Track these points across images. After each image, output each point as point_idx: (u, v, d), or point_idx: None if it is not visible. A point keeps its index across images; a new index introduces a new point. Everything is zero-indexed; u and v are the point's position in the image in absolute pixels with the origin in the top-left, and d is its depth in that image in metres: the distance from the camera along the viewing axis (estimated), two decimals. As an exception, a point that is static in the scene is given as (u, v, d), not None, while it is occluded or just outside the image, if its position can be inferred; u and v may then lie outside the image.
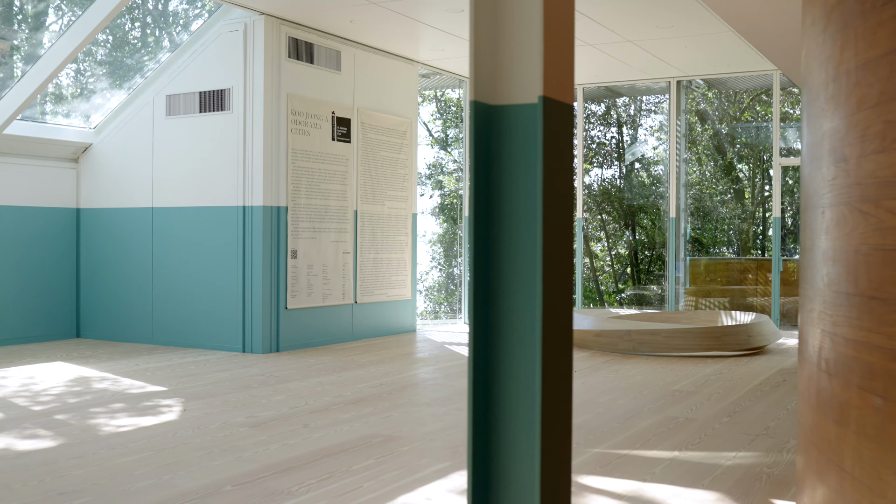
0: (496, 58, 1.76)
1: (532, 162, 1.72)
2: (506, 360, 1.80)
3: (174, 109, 8.12)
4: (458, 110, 16.07)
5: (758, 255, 13.40)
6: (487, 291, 1.81)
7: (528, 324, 1.75)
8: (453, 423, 4.86)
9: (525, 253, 1.75)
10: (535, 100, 1.71)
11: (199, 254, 7.98)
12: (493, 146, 1.76)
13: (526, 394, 1.76)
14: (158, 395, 5.67)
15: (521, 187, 1.73)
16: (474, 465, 1.84)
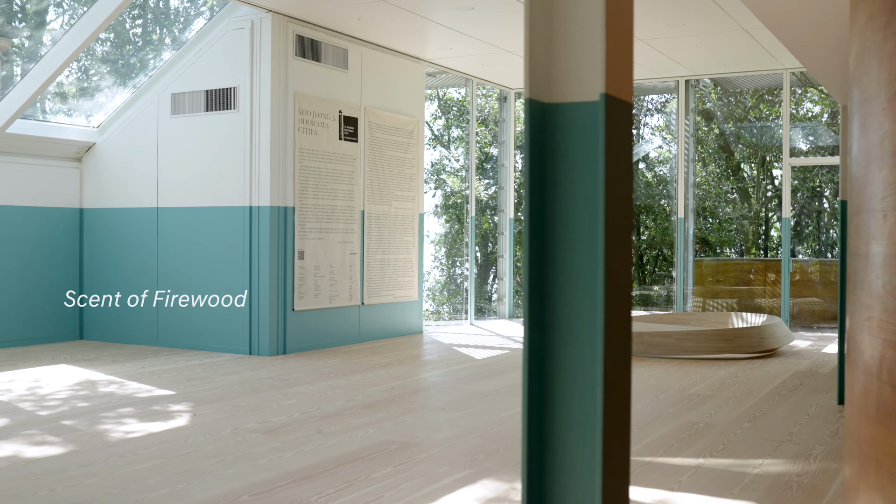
0: (553, 53, 1.65)
1: (593, 162, 1.62)
2: (562, 372, 1.70)
3: (179, 108, 8.01)
4: (459, 110, 15.97)
5: (760, 255, 13.31)
6: (542, 299, 1.70)
7: (589, 334, 1.65)
8: (469, 428, 4.76)
9: (585, 258, 1.65)
10: (595, 97, 1.61)
11: (205, 254, 7.87)
12: (549, 145, 1.66)
13: (586, 408, 1.66)
14: (167, 399, 5.57)
15: (580, 188, 1.63)
16: (529, 482, 1.74)
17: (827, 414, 5.25)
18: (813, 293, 11.07)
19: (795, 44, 3.81)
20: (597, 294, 1.63)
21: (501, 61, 9.71)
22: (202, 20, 8.95)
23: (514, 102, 11.69)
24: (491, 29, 8.27)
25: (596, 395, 1.65)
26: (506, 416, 5.12)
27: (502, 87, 11.40)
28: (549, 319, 1.68)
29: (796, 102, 13.67)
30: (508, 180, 11.69)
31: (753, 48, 8.84)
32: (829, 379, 6.59)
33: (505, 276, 11.80)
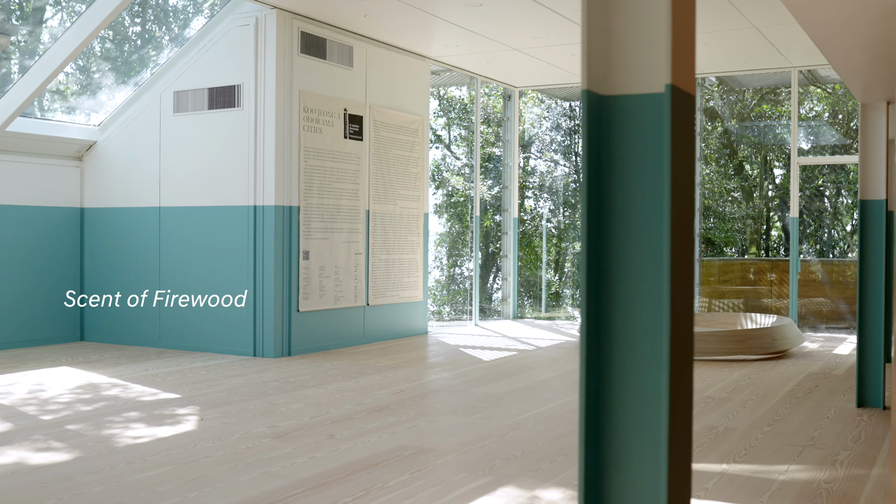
0: (612, 44, 1.55)
1: (657, 155, 1.51)
2: (622, 376, 1.59)
3: (182, 106, 7.89)
4: (460, 109, 15.86)
5: (761, 255, 13.21)
6: (600, 299, 1.60)
7: (653, 336, 1.54)
8: (484, 432, 4.65)
9: (649, 256, 1.54)
10: (661, 89, 1.50)
11: (209, 255, 7.76)
12: (608, 139, 1.55)
13: (650, 414, 1.55)
14: (172, 402, 5.45)
15: (643, 184, 1.52)
16: (587, 492, 1.63)
17: (847, 417, 5.15)
18: (819, 293, 10.98)
19: (824, 38, 3.70)
20: (662, 294, 1.52)
21: (507, 59, 9.60)
22: (202, 19, 8.84)
23: (518, 101, 11.58)
24: (498, 26, 8.16)
25: (661, 401, 1.54)
26: (519, 420, 5.01)
27: (507, 85, 11.30)
28: (608, 321, 1.57)
29: (799, 101, 13.58)
30: (513, 179, 11.58)
31: (763, 46, 8.74)
32: (844, 381, 6.49)
33: (509, 276, 11.69)
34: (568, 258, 15.14)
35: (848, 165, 13.45)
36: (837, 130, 13.56)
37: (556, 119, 13.84)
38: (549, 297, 14.73)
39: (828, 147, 13.18)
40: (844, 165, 13.51)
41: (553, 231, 14.80)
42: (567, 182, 13.82)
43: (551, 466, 3.98)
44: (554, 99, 13.45)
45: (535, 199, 14.08)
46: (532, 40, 8.69)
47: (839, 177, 13.98)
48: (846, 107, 13.55)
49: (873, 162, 5.42)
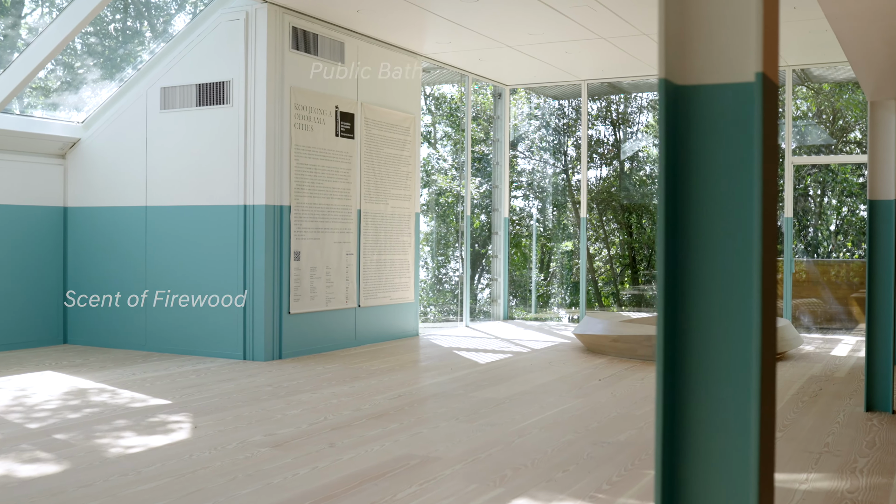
0: (692, 30, 1.39)
1: (745, 151, 1.36)
2: (704, 382, 1.44)
3: (169, 103, 7.68)
4: (448, 107, 15.70)
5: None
6: (677, 304, 1.45)
7: (741, 344, 1.39)
8: (489, 440, 4.50)
9: (736, 258, 1.39)
10: (749, 77, 1.35)
11: (197, 255, 7.56)
12: (688, 132, 1.40)
13: (736, 427, 1.41)
14: (163, 409, 5.26)
15: (730, 181, 1.37)
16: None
17: (857, 422, 5.04)
18: (811, 293, 10.92)
19: (849, 32, 3.58)
20: (751, 300, 1.37)
21: (500, 56, 9.45)
22: (185, 16, 8.62)
23: (509, 99, 11.44)
24: (493, 22, 8.01)
25: (750, 413, 1.39)
26: (524, 426, 4.86)
27: (498, 83, 11.15)
28: (685, 328, 1.42)
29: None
30: (503, 179, 11.44)
31: (759, 44, 8.64)
32: (847, 384, 6.39)
33: (500, 276, 11.55)
34: (554, 258, 15.01)
35: (832, 165, 13.42)
36: (824, 130, 13.52)
37: (546, 118, 13.71)
38: (533, 298, 14.60)
39: (814, 147, 13.13)
40: (829, 165, 13.48)
41: (541, 231, 14.67)
42: (556, 181, 13.69)
43: (564, 476, 3.83)
44: (543, 97, 13.32)
45: (525, 198, 13.95)
46: (526, 37, 8.55)
47: (826, 177, 13.95)
48: (832, 107, 13.50)
49: (883, 161, 5.31)
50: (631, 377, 6.65)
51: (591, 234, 13.97)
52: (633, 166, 13.48)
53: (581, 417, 5.12)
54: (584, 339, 8.16)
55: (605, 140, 13.67)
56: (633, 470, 3.94)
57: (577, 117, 13.41)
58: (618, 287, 13.85)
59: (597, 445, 4.41)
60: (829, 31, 8.08)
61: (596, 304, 13.88)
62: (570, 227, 13.98)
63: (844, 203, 13.88)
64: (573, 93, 12.10)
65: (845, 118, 13.45)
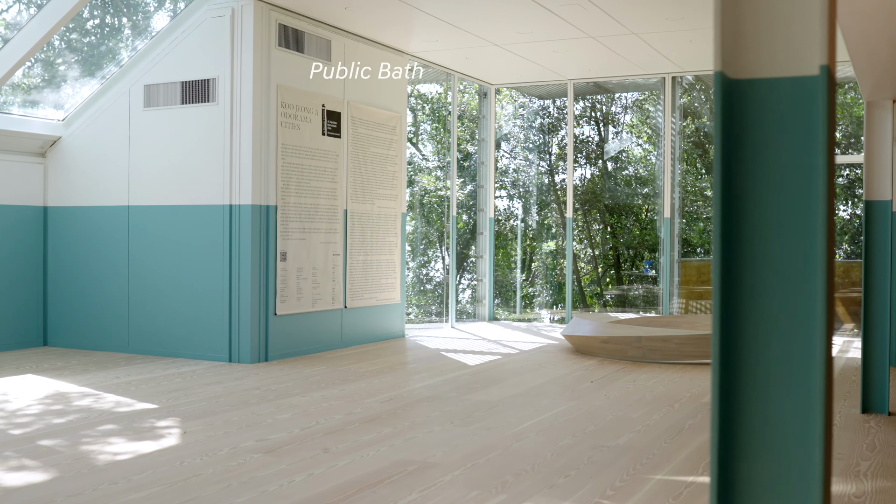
0: (752, 19, 1.32)
1: (808, 148, 1.28)
2: (760, 390, 1.37)
3: (153, 100, 7.54)
4: (432, 107, 15.59)
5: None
6: (732, 308, 1.37)
7: (802, 347, 1.32)
8: (486, 445, 4.42)
9: (796, 257, 1.31)
10: (813, 71, 1.27)
11: (181, 256, 7.42)
12: (745, 127, 1.32)
13: (799, 432, 1.34)
14: (150, 414, 5.13)
15: (792, 180, 1.30)
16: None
17: (854, 424, 5.01)
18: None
19: (854, 30, 3.53)
20: (815, 304, 1.30)
21: (487, 55, 9.37)
22: (164, 13, 8.47)
23: (494, 98, 11.36)
24: (482, 20, 7.93)
25: (815, 418, 1.32)
26: (521, 430, 4.78)
27: (483, 82, 11.08)
28: (742, 330, 1.35)
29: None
30: (489, 179, 11.36)
31: (747, 44, 8.62)
32: (839, 385, 6.37)
33: (485, 277, 11.47)
34: (536, 258, 14.95)
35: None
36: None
37: (531, 117, 13.65)
38: (518, 298, 14.52)
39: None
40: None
41: (523, 230, 14.60)
42: (540, 181, 13.63)
43: (566, 482, 3.76)
44: (528, 97, 13.27)
45: (510, 198, 13.88)
46: (515, 36, 8.47)
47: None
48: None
49: (878, 162, 5.28)
50: (623, 379, 6.59)
51: (574, 234, 13.93)
52: (617, 166, 13.44)
53: (577, 420, 5.05)
54: (573, 341, 8.10)
55: (590, 140, 13.63)
56: (635, 475, 3.87)
57: (560, 117, 13.36)
58: (602, 287, 13.81)
59: (596, 449, 4.33)
60: (818, 32, 8.07)
61: (580, 305, 13.83)
62: (553, 226, 13.93)
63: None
64: (559, 92, 12.04)
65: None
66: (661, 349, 7.40)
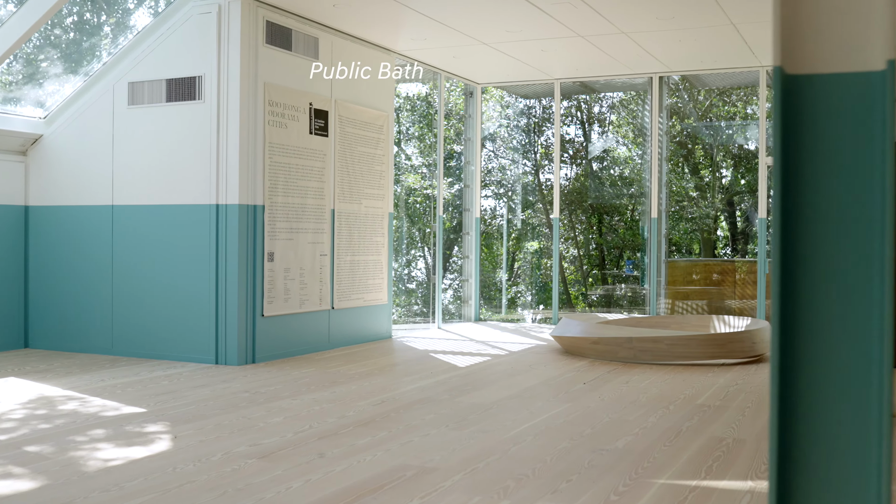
0: (813, 11, 1.25)
1: (872, 142, 1.22)
2: (821, 395, 1.31)
3: (138, 98, 7.41)
4: (414, 106, 15.50)
5: (705, 255, 13.14)
6: (791, 311, 1.31)
7: (863, 351, 1.26)
8: (484, 448, 4.35)
9: (858, 259, 1.26)
10: (880, 66, 1.21)
11: (166, 256, 7.30)
12: (805, 123, 1.26)
13: (862, 436, 1.28)
14: (139, 418, 5.02)
15: (856, 178, 1.24)
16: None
17: (852, 426, 4.98)
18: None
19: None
20: (873, 301, 1.24)
21: (474, 53, 9.31)
22: (145, 10, 8.34)
23: (480, 98, 11.30)
24: (471, 18, 7.86)
25: (874, 424, 1.27)
26: (518, 433, 4.72)
27: (470, 81, 11.01)
28: (801, 334, 1.29)
29: (745, 102, 13.57)
30: (475, 178, 11.30)
31: (737, 44, 8.61)
32: (832, 386, 6.35)
33: (471, 277, 11.41)
34: (519, 258, 14.90)
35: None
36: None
37: (516, 117, 13.60)
38: (498, 297, 14.46)
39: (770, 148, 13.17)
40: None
41: (510, 231, 14.55)
42: (525, 181, 13.59)
43: (569, 487, 3.69)
44: (515, 96, 13.22)
45: (496, 197, 13.82)
46: (504, 34, 8.41)
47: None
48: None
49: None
50: (615, 380, 6.55)
51: (559, 234, 13.88)
52: (603, 166, 13.42)
53: (573, 423, 5.00)
54: (563, 342, 8.05)
55: (575, 140, 13.60)
56: (638, 479, 3.81)
57: (546, 116, 13.31)
58: (586, 287, 13.78)
59: (596, 453, 4.28)
60: (807, 32, 8.06)
61: (565, 305, 13.79)
62: (538, 226, 13.89)
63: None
64: (545, 92, 12.00)
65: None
66: (653, 350, 7.36)
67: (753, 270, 11.01)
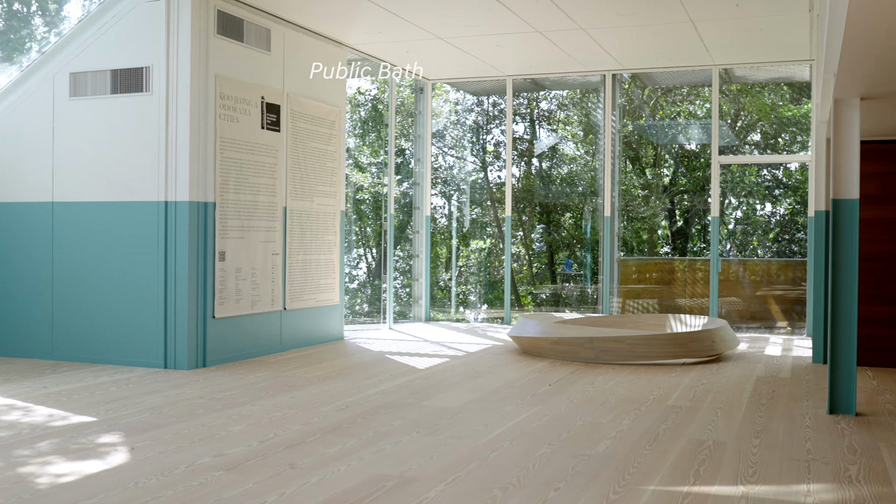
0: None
1: None
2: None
3: (80, 90, 7.04)
4: (361, 103, 15.24)
5: (643, 254, 13.18)
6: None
7: None
8: (461, 456, 4.17)
9: None
10: None
11: (112, 256, 6.95)
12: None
13: None
14: (90, 428, 4.72)
15: None
16: None
17: (826, 425, 4.93)
18: (731, 293, 10.99)
19: (857, 24, 3.40)
20: None
21: (428, 48, 9.11)
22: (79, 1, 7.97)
23: (431, 94, 11.11)
24: (430, 11, 7.66)
25: None
26: (493, 438, 4.55)
27: (420, 77, 10.81)
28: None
29: (691, 101, 13.65)
30: (425, 176, 11.11)
31: (693, 42, 8.58)
32: (796, 385, 6.33)
33: (421, 276, 11.22)
34: (463, 257, 14.76)
35: (733, 166, 13.60)
36: (729, 130, 13.70)
37: (465, 114, 13.45)
38: (440, 297, 14.30)
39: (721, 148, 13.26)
40: (730, 166, 13.67)
41: (459, 229, 14.39)
42: (474, 179, 13.45)
43: (557, 496, 3.54)
44: (464, 93, 13.06)
45: (444, 196, 13.65)
46: (461, 29, 8.24)
47: (725, 177, 14.14)
48: (735, 107, 13.67)
49: (845, 160, 5.22)
50: (580, 381, 6.43)
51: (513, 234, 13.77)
52: (552, 164, 13.35)
53: (547, 427, 4.85)
54: (521, 342, 7.92)
55: (523, 138, 13.50)
56: (627, 486, 3.67)
57: (494, 114, 13.19)
58: (535, 287, 13.70)
59: (577, 459, 4.13)
60: (763, 31, 8.07)
61: (514, 305, 13.70)
62: (487, 225, 13.76)
63: (744, 203, 14.10)
64: (495, 89, 11.87)
65: (750, 118, 13.62)
66: (614, 350, 7.27)
67: (705, 269, 11.04)
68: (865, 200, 6.83)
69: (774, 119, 13.03)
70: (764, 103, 13.40)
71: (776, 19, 7.64)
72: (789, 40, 8.40)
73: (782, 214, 13.25)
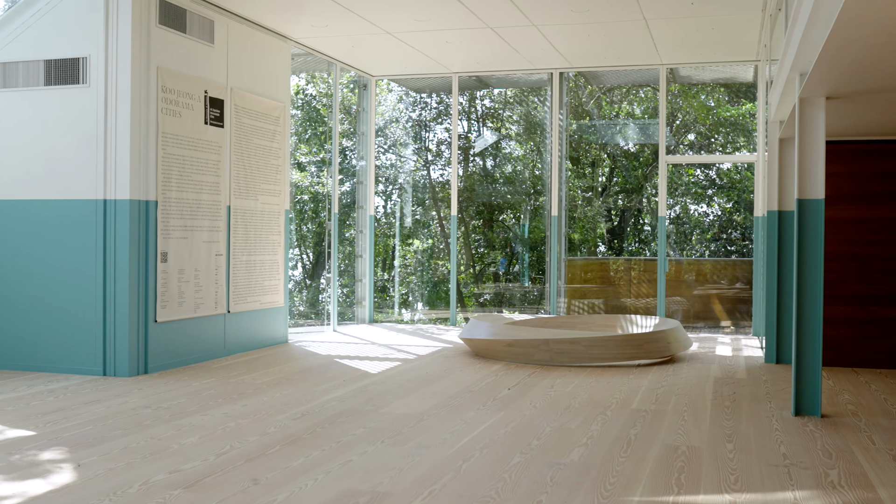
0: None
1: None
2: None
3: (10, 80, 6.64)
4: (298, 100, 14.91)
5: (582, 254, 13.19)
6: None
7: None
8: (432, 467, 3.98)
9: None
10: None
11: (46, 257, 6.56)
12: None
13: None
14: (28, 443, 4.39)
15: None
16: None
17: (795, 428, 4.88)
18: (675, 292, 11.02)
19: (844, 25, 3.31)
20: None
21: (374, 44, 8.89)
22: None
23: (374, 91, 10.88)
24: (379, 4, 7.44)
25: None
26: (462, 447, 4.37)
27: (364, 73, 10.57)
28: None
29: (630, 101, 13.70)
30: (368, 175, 10.87)
31: (644, 40, 8.53)
32: (755, 386, 6.30)
33: (364, 277, 10.98)
34: (400, 256, 14.56)
35: (671, 166, 13.70)
36: (668, 130, 13.76)
37: (409, 111, 13.25)
38: (381, 297, 14.08)
39: (651, 146, 13.32)
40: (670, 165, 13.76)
41: (401, 229, 14.19)
42: (416, 178, 13.25)
43: (541, 510, 3.37)
44: (407, 90, 12.85)
45: (385, 196, 13.41)
46: (411, 24, 8.03)
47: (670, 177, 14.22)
48: (672, 108, 13.74)
49: (811, 160, 5.18)
50: (539, 385, 6.29)
51: (449, 232, 13.62)
52: (495, 164, 13.23)
53: (516, 434, 4.69)
54: (473, 344, 7.75)
55: (467, 136, 13.36)
56: (611, 497, 3.53)
57: (438, 112, 13.02)
58: (478, 286, 13.57)
59: (554, 468, 3.97)
60: (714, 31, 8.06)
61: (459, 305, 13.55)
62: (429, 224, 13.58)
63: (679, 203, 14.20)
64: (440, 86, 11.70)
65: (689, 118, 13.70)
66: (570, 352, 7.16)
67: (649, 269, 11.05)
68: (819, 200, 6.85)
69: (712, 120, 13.13)
70: (702, 104, 13.49)
71: (728, 19, 7.63)
72: (738, 40, 8.41)
73: (718, 214, 13.35)
